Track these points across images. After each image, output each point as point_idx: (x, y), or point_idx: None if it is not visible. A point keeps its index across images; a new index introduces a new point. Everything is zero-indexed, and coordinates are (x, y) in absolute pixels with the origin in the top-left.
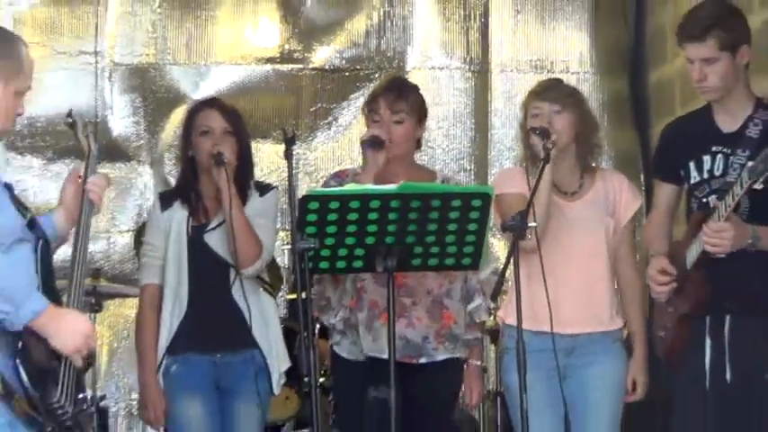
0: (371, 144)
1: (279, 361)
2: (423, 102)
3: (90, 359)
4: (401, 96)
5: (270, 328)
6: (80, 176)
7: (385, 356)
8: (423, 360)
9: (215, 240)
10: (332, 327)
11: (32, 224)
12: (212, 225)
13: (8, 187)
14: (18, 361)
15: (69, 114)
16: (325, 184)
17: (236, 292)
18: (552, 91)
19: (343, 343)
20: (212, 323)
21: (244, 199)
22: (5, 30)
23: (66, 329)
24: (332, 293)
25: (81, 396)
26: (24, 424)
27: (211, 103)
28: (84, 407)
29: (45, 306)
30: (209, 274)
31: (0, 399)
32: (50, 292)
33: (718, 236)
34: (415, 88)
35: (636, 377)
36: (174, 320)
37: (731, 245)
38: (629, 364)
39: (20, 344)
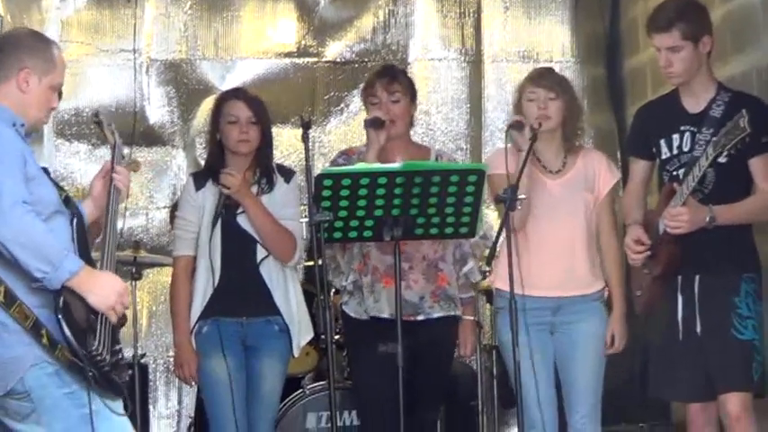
0: (373, 123)
1: (300, 329)
2: (412, 83)
3: (123, 318)
4: (395, 79)
5: (291, 298)
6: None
7: (384, 315)
8: (420, 317)
9: (246, 222)
10: (342, 288)
11: (67, 201)
12: (243, 208)
13: (45, 170)
14: (60, 316)
15: (96, 115)
16: (334, 162)
17: (264, 269)
18: (547, 78)
19: (350, 303)
20: (241, 293)
21: (269, 181)
22: (40, 33)
23: (101, 288)
24: (341, 258)
25: (117, 348)
26: (68, 371)
27: (237, 93)
28: (120, 357)
29: (80, 266)
30: (239, 250)
31: (45, 350)
32: (86, 261)
33: (676, 219)
34: (404, 72)
35: (614, 332)
36: (209, 289)
37: (689, 226)
38: (608, 321)
39: (61, 301)
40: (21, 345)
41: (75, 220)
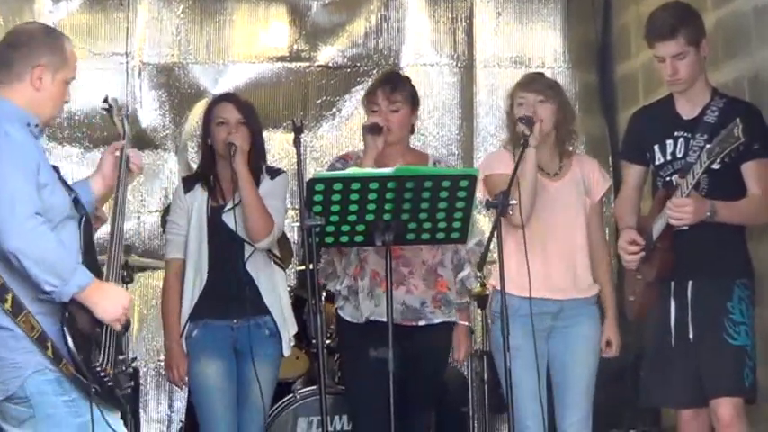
0: (371, 130)
1: (287, 326)
2: (415, 92)
3: (126, 325)
4: (396, 88)
5: (279, 297)
6: (118, 150)
7: (384, 319)
8: (422, 322)
9: (231, 220)
10: (337, 293)
11: (76, 202)
12: (229, 206)
13: (56, 169)
14: (65, 329)
15: (105, 100)
16: (332, 166)
17: (250, 266)
18: (536, 83)
19: (346, 307)
20: (229, 293)
21: (257, 182)
22: (51, 27)
23: (108, 301)
24: (338, 263)
25: (120, 358)
26: (71, 384)
27: (227, 97)
28: (123, 368)
29: (89, 280)
30: (226, 250)
31: (50, 361)
32: (92, 265)
33: (680, 210)
34: (408, 80)
35: (610, 337)
36: (196, 291)
37: (692, 218)
38: (603, 325)
39: (66, 313)
40: (25, 351)
41: (83, 222)
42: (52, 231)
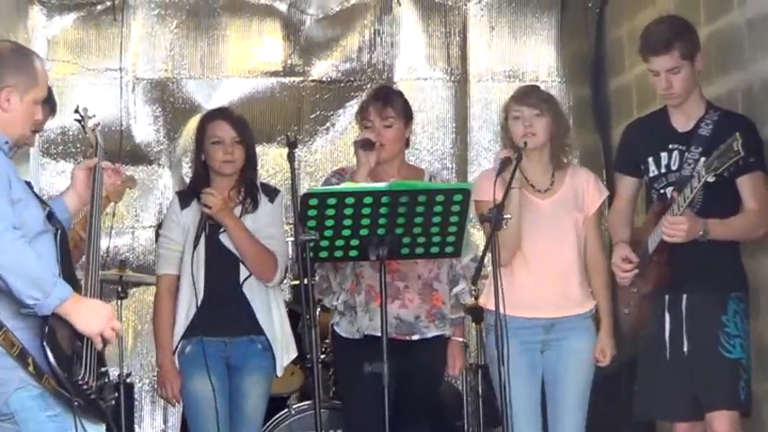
0: (363, 145)
1: (285, 349)
2: (408, 105)
3: (106, 342)
4: (388, 103)
5: (274, 318)
6: (91, 166)
7: (379, 334)
8: (415, 337)
9: (230, 241)
10: (333, 308)
11: (50, 216)
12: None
13: (28, 184)
14: (45, 343)
15: (76, 110)
16: (327, 181)
17: (246, 288)
18: (532, 96)
19: (341, 323)
20: (224, 311)
21: (254, 203)
22: (21, 46)
23: (88, 314)
24: (333, 278)
25: (102, 370)
26: (55, 399)
27: (221, 113)
28: (106, 380)
29: (70, 293)
30: (222, 269)
31: (31, 377)
32: (69, 278)
33: (674, 228)
34: (400, 94)
35: (604, 348)
36: (192, 309)
37: (685, 236)
38: (597, 337)
39: (46, 328)
40: (6, 368)
41: (58, 235)
42: (29, 246)
